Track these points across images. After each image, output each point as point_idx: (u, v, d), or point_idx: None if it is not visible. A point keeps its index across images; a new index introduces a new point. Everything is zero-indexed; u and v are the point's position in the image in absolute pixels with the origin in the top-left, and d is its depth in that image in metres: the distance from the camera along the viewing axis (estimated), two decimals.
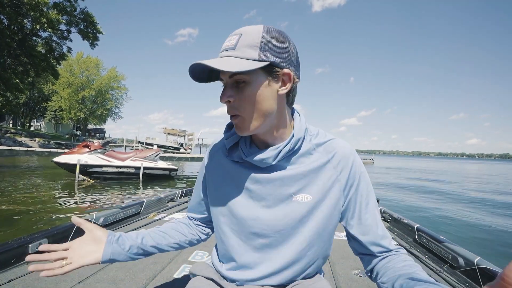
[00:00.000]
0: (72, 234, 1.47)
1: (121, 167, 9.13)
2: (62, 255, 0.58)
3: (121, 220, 1.89)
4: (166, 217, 2.11)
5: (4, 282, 1.02)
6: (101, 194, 7.00)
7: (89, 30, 17.24)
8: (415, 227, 1.87)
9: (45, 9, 14.32)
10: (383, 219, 2.37)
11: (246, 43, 0.53)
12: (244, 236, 0.65)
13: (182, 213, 2.30)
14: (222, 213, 0.68)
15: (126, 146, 32.53)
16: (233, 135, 0.66)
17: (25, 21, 14.75)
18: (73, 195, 6.68)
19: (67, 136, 36.57)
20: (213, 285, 0.68)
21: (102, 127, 44.27)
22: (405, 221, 2.05)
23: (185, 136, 31.36)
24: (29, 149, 16.64)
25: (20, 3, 13.44)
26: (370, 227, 0.63)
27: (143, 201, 2.17)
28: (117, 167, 9.08)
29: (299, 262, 0.64)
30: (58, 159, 8.58)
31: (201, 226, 0.81)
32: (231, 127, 0.67)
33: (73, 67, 33.82)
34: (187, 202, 2.67)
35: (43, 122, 43.66)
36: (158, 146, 14.74)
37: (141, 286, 1.08)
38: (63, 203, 5.76)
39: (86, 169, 8.60)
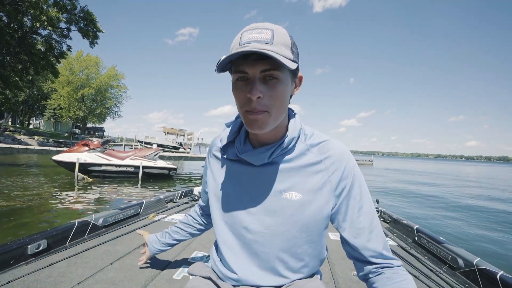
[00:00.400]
0: (71, 235, 1.47)
1: (120, 166, 9.11)
2: (144, 250, 1.15)
3: (120, 221, 1.88)
4: (165, 218, 2.10)
5: (3, 283, 1.02)
6: (100, 192, 6.99)
7: (89, 28, 17.17)
8: (415, 228, 1.87)
9: (45, 7, 14.26)
10: (382, 220, 2.37)
11: (281, 41, 0.53)
12: (236, 230, 0.68)
13: (181, 214, 2.29)
14: (218, 208, 0.71)
15: (125, 145, 32.52)
16: (229, 134, 0.69)
17: (25, 19, 14.68)
18: (72, 194, 6.66)
19: (66, 134, 36.51)
20: (211, 284, 0.70)
21: (101, 126, 44.18)
22: (405, 222, 2.05)
23: (184, 135, 31.34)
24: (28, 147, 16.60)
25: (20, 1, 13.40)
26: (362, 231, 0.62)
27: (143, 202, 2.17)
28: (116, 166, 9.06)
29: (290, 261, 0.65)
30: (57, 157, 8.55)
31: (207, 213, 0.96)
32: (228, 126, 0.71)
33: (72, 66, 33.70)
34: (186, 203, 2.67)
35: (42, 120, 43.54)
36: (157, 145, 14.72)
37: (140, 287, 1.08)
38: (62, 202, 5.74)
39: (85, 168, 8.58)
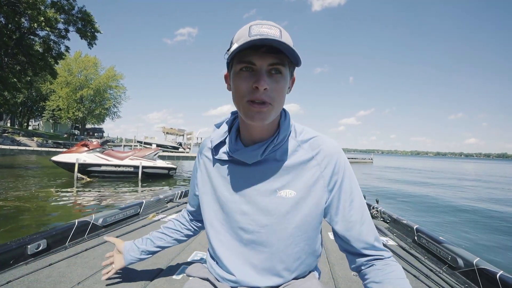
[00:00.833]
0: (71, 235, 1.46)
1: (119, 166, 9.10)
2: (110, 261, 0.97)
3: (120, 221, 1.88)
4: (165, 218, 2.10)
5: (2, 283, 1.02)
6: (100, 193, 6.98)
7: (87, 29, 17.12)
8: (415, 228, 1.87)
9: (42, 8, 14.22)
10: (382, 219, 2.37)
11: (288, 39, 0.55)
12: (232, 231, 0.67)
13: None
14: (212, 209, 0.71)
15: (124, 145, 32.46)
16: (219, 134, 0.69)
17: (23, 19, 14.64)
18: (72, 194, 6.65)
19: (65, 135, 36.45)
20: (209, 285, 0.70)
21: (100, 126, 44.08)
22: (404, 222, 2.05)
23: (184, 135, 31.27)
24: (28, 148, 16.59)
25: (17, 2, 13.35)
26: (354, 223, 0.63)
27: (142, 202, 2.16)
28: (115, 166, 9.05)
29: (287, 259, 0.65)
30: (56, 158, 8.54)
31: (196, 218, 0.91)
32: (219, 127, 0.71)
33: (71, 66, 33.65)
34: (186, 202, 2.66)
35: (41, 121, 43.46)
36: (157, 145, 14.72)
37: (140, 287, 1.07)
38: (62, 202, 5.74)
39: (84, 168, 8.56)
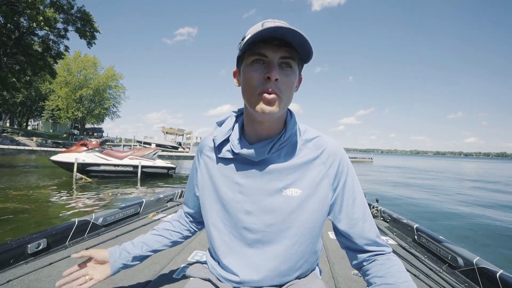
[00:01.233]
0: (71, 234, 1.46)
1: (119, 165, 9.08)
2: (82, 273, 0.74)
3: (120, 220, 1.88)
4: (165, 217, 2.09)
5: (3, 282, 1.02)
6: (99, 192, 6.97)
7: (86, 28, 17.10)
8: (415, 227, 1.87)
9: (41, 7, 14.18)
10: (382, 219, 2.37)
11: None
12: (236, 231, 0.66)
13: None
14: (214, 209, 0.69)
15: (124, 145, 32.45)
16: (223, 132, 0.67)
17: (22, 19, 14.61)
18: (71, 194, 6.64)
19: (64, 135, 36.40)
20: (210, 285, 0.69)
21: (100, 126, 43.98)
22: (404, 221, 2.05)
23: (183, 135, 31.20)
24: (27, 148, 16.56)
25: (16, 1, 13.32)
26: (357, 221, 0.64)
27: (142, 201, 2.16)
28: (115, 165, 9.03)
29: (292, 258, 0.65)
30: (55, 157, 8.52)
31: (194, 219, 0.86)
32: (221, 125, 0.69)
33: (70, 66, 33.57)
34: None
35: (41, 121, 43.41)
36: (156, 145, 14.70)
37: (140, 286, 1.07)
38: (61, 202, 5.73)
39: (84, 168, 8.55)
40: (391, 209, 2.42)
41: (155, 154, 9.92)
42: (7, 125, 34.81)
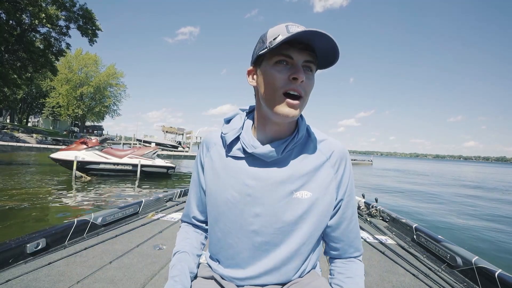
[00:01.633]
0: (70, 234, 1.46)
1: (118, 164, 9.06)
2: None
3: (119, 220, 1.88)
4: (164, 217, 2.09)
5: (2, 282, 1.01)
6: (98, 191, 6.96)
7: (88, 26, 17.11)
8: (414, 227, 1.87)
9: (44, 5, 14.19)
10: (381, 218, 2.37)
11: None
12: (243, 233, 0.64)
13: (180, 212, 2.28)
14: (221, 211, 0.66)
15: (124, 143, 32.41)
16: (234, 130, 0.65)
17: (24, 16, 14.61)
18: (70, 192, 6.63)
19: (64, 132, 36.36)
20: (214, 284, 0.67)
21: (100, 124, 44.05)
22: (404, 221, 2.05)
23: (183, 134, 31.22)
24: (27, 145, 16.54)
25: None
26: (345, 219, 0.67)
27: (142, 201, 2.15)
28: (114, 164, 9.01)
29: (297, 258, 0.64)
30: (55, 155, 8.50)
31: (205, 227, 0.78)
32: (228, 122, 0.68)
33: (71, 64, 33.59)
34: (185, 201, 2.65)
35: (41, 118, 43.36)
36: (156, 144, 14.68)
37: (139, 286, 1.07)
38: (60, 200, 5.72)
39: (83, 166, 8.53)
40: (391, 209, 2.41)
41: (154, 153, 9.90)
42: (7, 121, 34.78)
